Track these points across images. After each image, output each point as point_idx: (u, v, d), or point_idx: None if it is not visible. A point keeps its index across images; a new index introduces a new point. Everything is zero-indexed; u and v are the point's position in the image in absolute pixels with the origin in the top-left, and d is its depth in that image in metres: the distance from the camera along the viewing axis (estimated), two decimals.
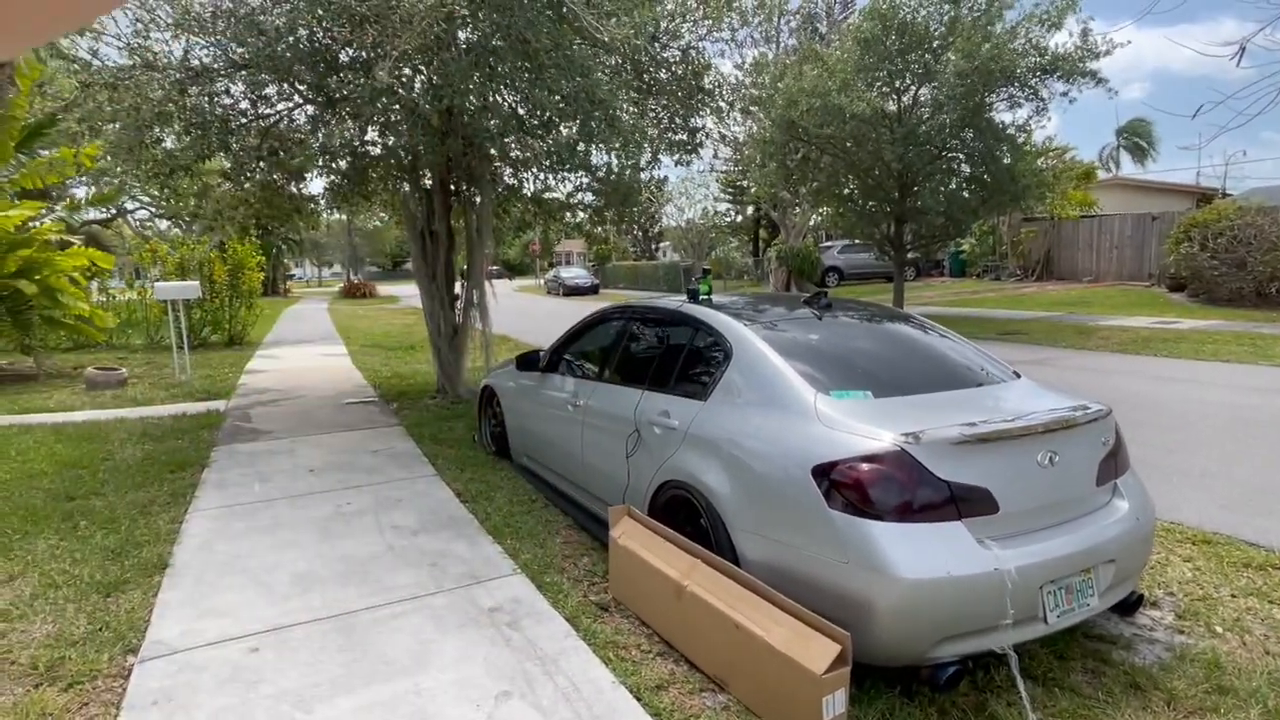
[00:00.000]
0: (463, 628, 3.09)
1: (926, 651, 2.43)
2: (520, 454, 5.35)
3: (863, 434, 2.63)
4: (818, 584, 2.56)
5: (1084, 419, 2.81)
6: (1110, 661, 2.84)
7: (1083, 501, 2.80)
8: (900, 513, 2.47)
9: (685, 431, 3.30)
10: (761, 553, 2.80)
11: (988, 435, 2.57)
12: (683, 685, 2.69)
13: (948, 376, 3.24)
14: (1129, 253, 20.70)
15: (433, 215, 7.77)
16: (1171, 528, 4.13)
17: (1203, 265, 15.20)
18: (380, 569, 3.68)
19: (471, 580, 3.54)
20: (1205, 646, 2.93)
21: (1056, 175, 18.18)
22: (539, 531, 4.17)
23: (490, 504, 4.62)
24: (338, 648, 2.94)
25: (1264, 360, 9.57)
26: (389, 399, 8.40)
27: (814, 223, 27.08)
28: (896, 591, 2.37)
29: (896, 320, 3.92)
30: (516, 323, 17.77)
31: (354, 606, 3.28)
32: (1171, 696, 2.60)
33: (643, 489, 3.53)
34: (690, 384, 3.52)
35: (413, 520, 4.36)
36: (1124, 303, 16.50)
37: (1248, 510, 4.44)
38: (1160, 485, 4.58)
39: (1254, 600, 3.31)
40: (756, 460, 2.91)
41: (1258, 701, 2.54)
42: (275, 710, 2.53)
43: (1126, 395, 7.69)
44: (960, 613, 2.41)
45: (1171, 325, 13.02)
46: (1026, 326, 14.04)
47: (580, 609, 3.25)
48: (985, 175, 13.95)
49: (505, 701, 2.57)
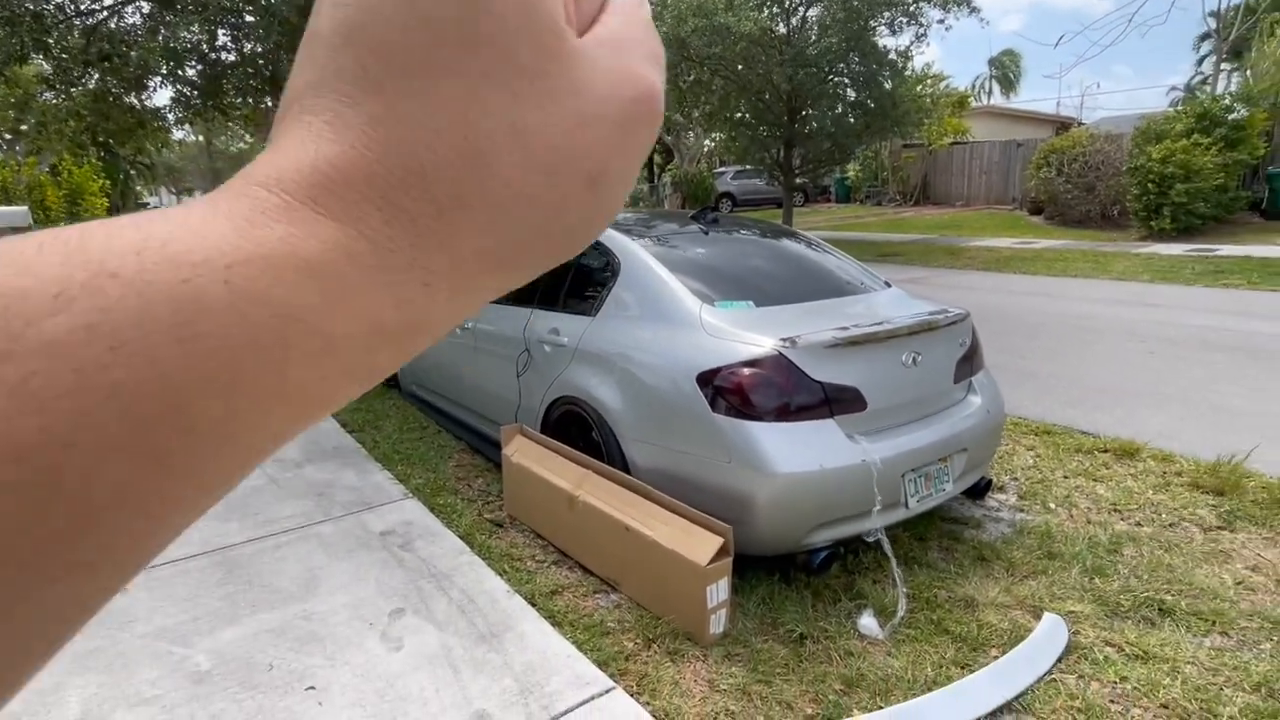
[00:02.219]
0: (353, 552, 3.04)
1: (802, 539, 2.62)
2: (409, 382, 5.19)
3: (745, 341, 2.72)
4: (704, 484, 2.68)
5: (944, 322, 3.02)
6: (962, 539, 3.17)
7: (941, 397, 3.04)
8: (778, 413, 2.59)
9: (575, 348, 3.29)
10: (651, 459, 2.89)
11: (857, 338, 2.72)
12: (577, 589, 2.78)
13: (824, 286, 3.38)
14: (996, 178, 22.04)
15: None
16: (1019, 422, 4.58)
17: (1058, 189, 16.44)
18: (262, 502, 3.53)
19: (361, 506, 3.47)
20: (1040, 521, 3.31)
21: (934, 102, 18.90)
22: (431, 456, 4.11)
23: (379, 432, 4.49)
24: (217, 582, 2.82)
25: (1104, 275, 10.59)
26: None
27: (708, 148, 27.08)
28: (774, 486, 2.52)
29: (778, 235, 4.02)
30: None
31: (234, 540, 3.15)
32: (1010, 564, 2.94)
33: (535, 407, 3.53)
34: (579, 300, 3.50)
35: (296, 452, 4.18)
36: (990, 225, 17.68)
37: (1084, 405, 4.98)
38: (1011, 385, 5.04)
39: (1082, 480, 3.76)
40: (645, 371, 2.96)
41: (1079, 562, 2.92)
42: (151, 648, 2.42)
43: (987, 308, 8.34)
44: (832, 502, 2.60)
45: (1030, 245, 14.11)
46: (904, 249, 14.82)
47: (474, 527, 3.26)
48: (869, 100, 14.32)
49: (399, 618, 2.57)
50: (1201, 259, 11.12)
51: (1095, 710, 2.10)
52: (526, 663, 2.32)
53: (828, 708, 2.14)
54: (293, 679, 2.26)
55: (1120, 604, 2.64)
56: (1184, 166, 12.79)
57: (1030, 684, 2.21)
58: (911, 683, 2.24)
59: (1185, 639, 2.44)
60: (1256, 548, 3.04)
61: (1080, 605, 2.63)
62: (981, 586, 2.77)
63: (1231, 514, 3.30)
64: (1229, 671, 2.26)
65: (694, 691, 2.22)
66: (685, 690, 2.22)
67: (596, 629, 2.52)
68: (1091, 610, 2.60)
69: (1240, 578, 2.81)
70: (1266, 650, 2.37)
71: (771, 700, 2.18)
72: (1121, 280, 10.19)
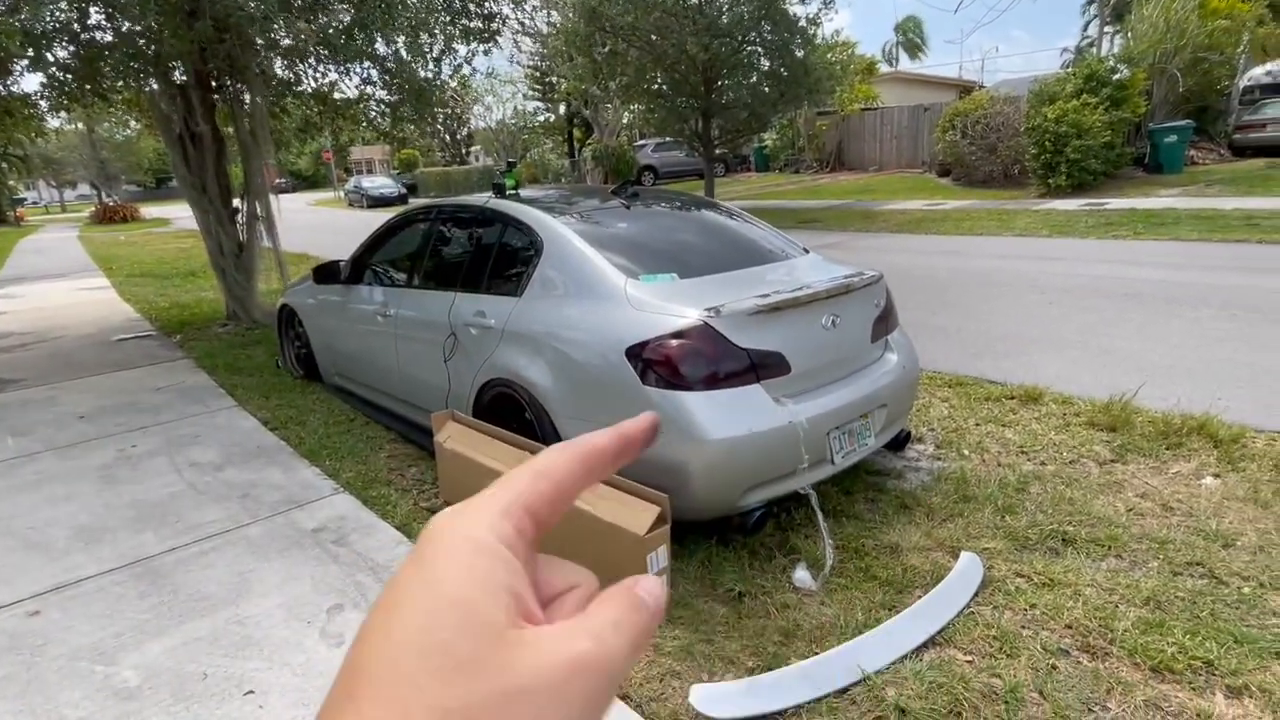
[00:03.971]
0: (285, 552, 2.95)
1: (736, 501, 2.70)
2: (331, 374, 5.03)
3: (670, 313, 2.76)
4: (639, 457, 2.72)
5: (860, 284, 3.14)
6: (885, 490, 3.34)
7: (860, 357, 3.17)
8: (707, 382, 2.65)
9: (502, 329, 3.26)
10: None
11: (779, 304, 2.80)
12: None
13: (745, 255, 3.45)
14: (906, 142, 22.80)
15: (192, 116, 6.72)
16: (933, 375, 4.83)
17: (964, 151, 17.13)
18: (182, 509, 3.38)
19: (290, 505, 3.37)
20: (955, 467, 3.52)
21: (844, 68, 19.33)
22: (360, 449, 4.01)
23: (303, 428, 4.35)
24: (139, 594, 2.70)
25: (1008, 231, 11.16)
26: (170, 331, 7.46)
27: (627, 121, 26.91)
28: (707, 452, 2.59)
29: (698, 207, 4.07)
30: (317, 239, 16.30)
31: (154, 551, 3.01)
32: (930, 510, 3.12)
33: (465, 392, 3.49)
34: (503, 281, 3.47)
35: (214, 455, 4.01)
36: (902, 188, 18.31)
37: (992, 356, 5.28)
38: (925, 341, 5.28)
39: (992, 426, 4.00)
40: (574, 349, 2.97)
41: (991, 503, 3.12)
42: (71, 669, 2.31)
43: (901, 269, 8.68)
44: (762, 463, 2.69)
45: (939, 207, 14.71)
46: (821, 215, 15.20)
47: (411, 517, 3.22)
48: (782, 69, 14.52)
49: (339, 613, 2.53)
50: (1094, 213, 11.86)
51: (1009, 637, 2.27)
52: None
53: (767, 659, 2.24)
54: (229, 685, 2.20)
55: (1028, 538, 2.85)
56: (1075, 125, 13.54)
57: (951, 618, 2.37)
58: (844, 628, 2.37)
59: (1085, 565, 2.66)
60: (1145, 477, 3.32)
61: (993, 542, 2.82)
62: (904, 532, 2.93)
63: (1123, 448, 3.59)
64: (1123, 590, 2.48)
65: (639, 657, 2.28)
66: None
67: None
68: (1003, 546, 2.79)
69: (1131, 505, 3.07)
70: (1154, 568, 2.61)
71: (714, 657, 2.26)
72: (1023, 236, 10.77)
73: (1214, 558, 2.64)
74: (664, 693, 2.12)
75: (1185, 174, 14.98)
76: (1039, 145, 14.13)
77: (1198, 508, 3.01)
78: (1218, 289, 6.65)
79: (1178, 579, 2.54)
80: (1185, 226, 9.99)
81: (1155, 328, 5.63)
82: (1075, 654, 2.21)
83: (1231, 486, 3.16)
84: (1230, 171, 14.78)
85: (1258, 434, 3.64)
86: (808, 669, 2.15)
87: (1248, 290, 6.53)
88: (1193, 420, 3.70)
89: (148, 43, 5.91)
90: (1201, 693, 2.03)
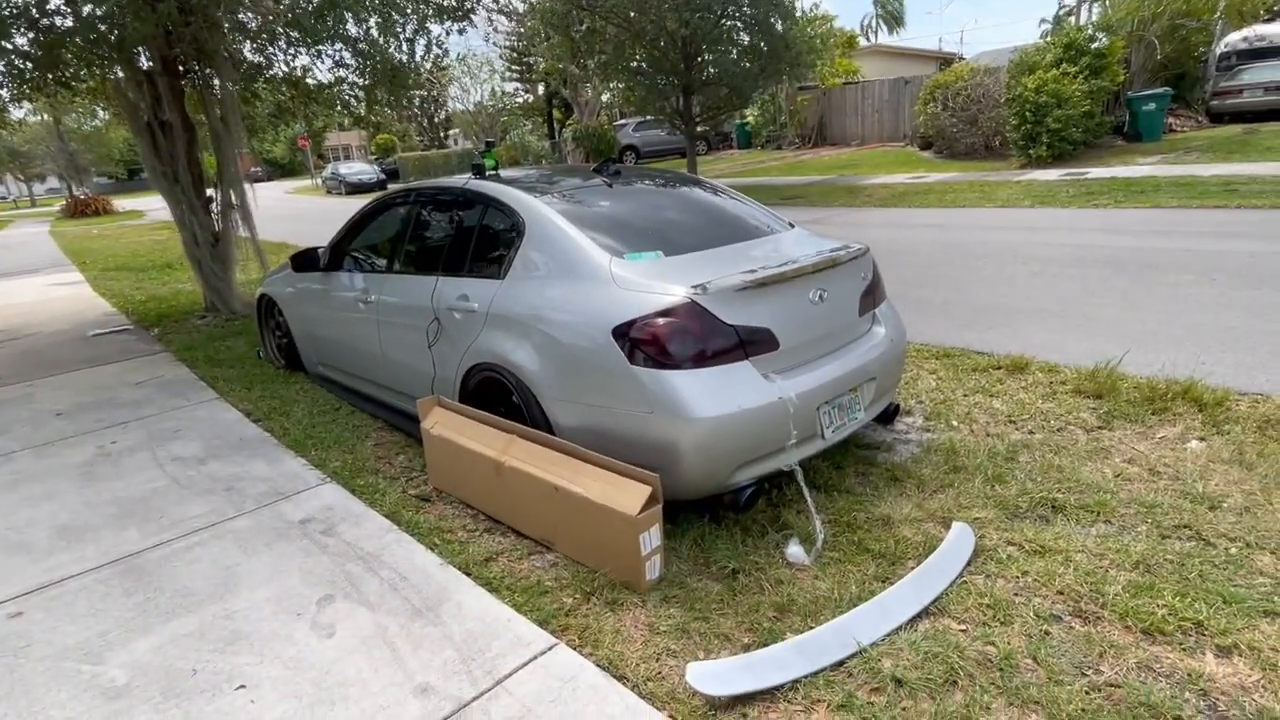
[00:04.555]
0: (272, 545, 2.91)
1: (726, 479, 2.69)
2: (314, 363, 4.96)
3: (657, 291, 2.72)
4: (628, 437, 2.70)
5: (847, 257, 3.12)
6: (875, 463, 3.34)
7: (848, 331, 3.16)
8: (695, 360, 2.62)
9: (486, 312, 3.21)
10: (574, 418, 2.88)
11: (766, 280, 2.77)
12: (510, 554, 2.78)
13: (730, 231, 3.41)
14: (888, 115, 22.73)
15: (160, 104, 6.54)
16: (921, 348, 4.83)
17: (945, 124, 17.11)
18: (165, 504, 3.33)
19: (276, 497, 3.32)
20: (944, 439, 3.53)
21: (824, 42, 19.17)
22: (347, 438, 3.96)
23: (287, 419, 4.29)
24: (125, 592, 2.65)
25: (990, 204, 11.18)
26: (147, 325, 7.33)
27: (606, 100, 26.62)
28: (697, 431, 2.56)
29: (681, 184, 4.02)
30: (295, 228, 16.05)
31: (138, 547, 2.96)
32: (921, 481, 3.12)
33: (451, 377, 3.44)
34: (486, 264, 3.41)
35: (197, 448, 3.94)
36: (885, 162, 18.28)
37: (978, 327, 5.29)
38: (911, 314, 5.27)
39: (980, 396, 4.01)
40: (560, 330, 2.92)
41: (981, 472, 3.13)
42: (57, 669, 2.26)
43: (886, 242, 8.67)
44: (752, 441, 2.67)
45: (922, 180, 14.69)
46: (806, 190, 15.15)
47: (400, 504, 3.19)
48: (762, 43, 14.39)
49: (329, 604, 2.50)
50: (1075, 182, 11.89)
51: (1002, 604, 2.28)
52: (466, 631, 2.31)
53: (763, 635, 2.24)
54: (220, 680, 2.17)
55: (1019, 506, 2.86)
56: (1055, 95, 13.54)
57: (944, 588, 2.38)
58: (838, 601, 2.37)
59: (1075, 531, 2.67)
60: (1131, 442, 3.34)
61: (984, 511, 2.83)
62: (896, 505, 2.94)
63: (1109, 414, 3.61)
64: (1113, 555, 2.50)
65: (635, 637, 2.27)
66: (627, 637, 2.27)
67: (534, 589, 2.52)
68: (994, 515, 2.80)
69: (1119, 470, 3.09)
70: (1143, 532, 2.63)
71: (710, 635, 2.26)
72: (1006, 207, 10.78)
73: (1201, 520, 2.66)
74: (661, 672, 2.11)
75: (1164, 141, 15.05)
76: (1019, 116, 14.12)
77: (1184, 471, 3.03)
78: (1198, 255, 6.70)
79: (1166, 542, 2.56)
80: (1165, 194, 10.04)
81: (1138, 295, 5.66)
82: (1067, 619, 2.22)
83: (1217, 449, 3.19)
84: (1208, 138, 14.87)
85: (1241, 396, 3.67)
86: (803, 643, 2.15)
87: (1228, 255, 6.58)
88: (1177, 385, 3.73)
89: (110, 27, 5.72)
90: (1192, 653, 2.05)
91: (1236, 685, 1.92)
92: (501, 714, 1.96)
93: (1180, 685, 1.94)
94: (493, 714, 1.97)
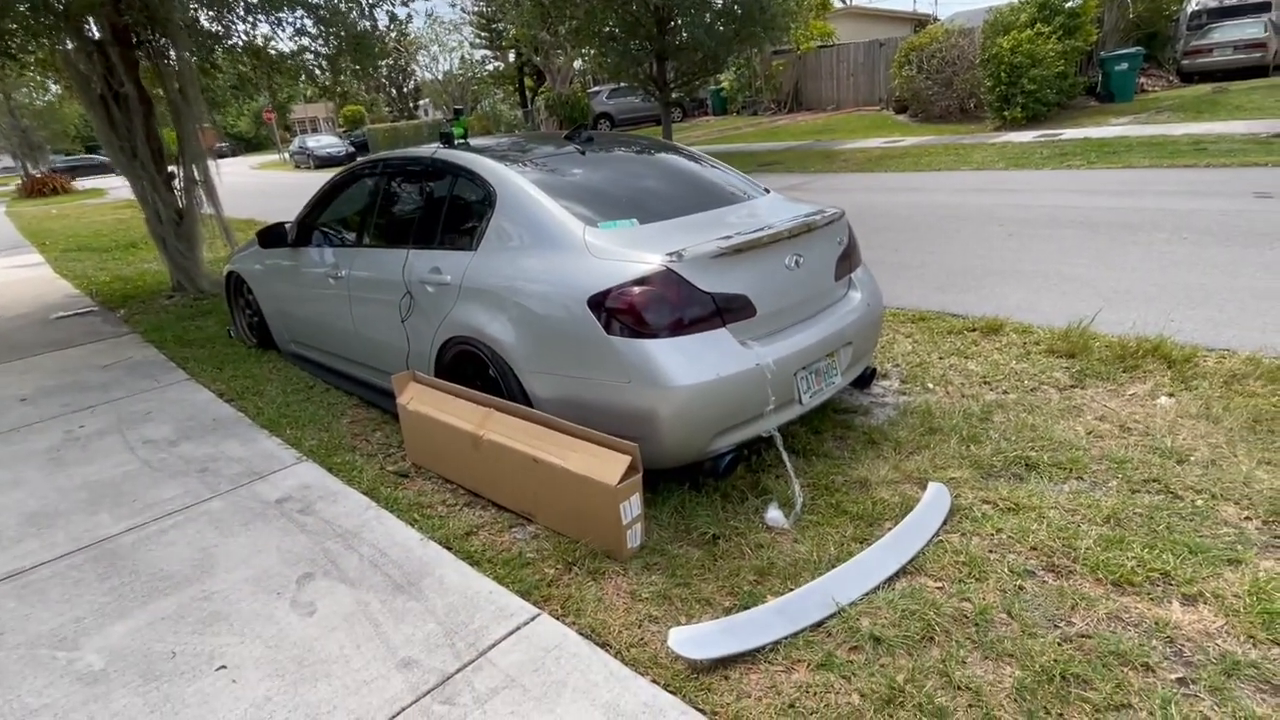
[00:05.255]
0: (249, 525, 2.88)
1: (706, 447, 2.69)
2: (286, 341, 4.87)
3: (632, 260, 2.69)
4: (606, 407, 2.69)
5: (822, 222, 3.10)
6: (853, 427, 3.36)
7: (824, 296, 3.15)
8: (672, 328, 2.60)
9: (459, 285, 3.16)
10: (551, 390, 2.86)
11: (742, 246, 2.74)
12: (491, 527, 2.77)
13: (705, 198, 3.37)
14: (863, 79, 22.57)
15: (113, 75, 6.29)
16: (897, 312, 4.85)
17: (920, 87, 17.03)
18: (138, 488, 3.27)
19: (252, 477, 3.28)
20: (920, 401, 3.56)
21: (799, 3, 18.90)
22: (322, 416, 3.91)
23: (261, 398, 4.22)
24: (99, 577, 2.62)
25: (965, 166, 11.19)
26: (113, 306, 7.14)
27: (579, 67, 26.13)
28: (675, 399, 2.56)
29: (655, 150, 3.95)
30: (263, 204, 15.69)
31: (111, 532, 2.91)
32: (897, 443, 3.16)
33: (425, 351, 3.40)
34: (457, 235, 3.34)
35: (169, 430, 3.87)
36: (860, 126, 18.20)
37: (954, 290, 5.32)
38: (887, 278, 5.30)
39: (955, 359, 4.05)
40: (534, 302, 2.88)
41: (956, 433, 3.17)
42: (31, 657, 2.23)
43: (862, 206, 8.66)
44: (731, 408, 2.67)
45: (897, 144, 14.65)
46: (782, 156, 15.05)
47: (378, 481, 3.16)
48: (736, 6, 14.14)
49: (309, 583, 2.48)
50: (1049, 144, 11.93)
51: (977, 562, 2.32)
52: (448, 605, 2.30)
53: (743, 598, 2.26)
54: (200, 662, 2.15)
55: (993, 465, 2.90)
56: (1030, 56, 13.50)
57: (921, 548, 2.42)
58: (818, 563, 2.40)
59: (1048, 488, 2.72)
60: (1103, 400, 3.40)
61: (960, 471, 2.87)
62: (873, 467, 2.97)
63: (1082, 373, 3.67)
64: (1085, 510, 2.55)
65: (617, 604, 2.28)
66: (609, 605, 2.28)
67: (516, 561, 2.53)
68: (969, 474, 2.84)
69: (1091, 428, 3.15)
70: (1113, 487, 2.69)
71: (691, 600, 2.28)
72: (981, 170, 10.80)
73: (1169, 474, 2.72)
74: (643, 638, 2.13)
75: (1136, 102, 15.12)
76: (995, 77, 14.08)
77: (1154, 427, 3.09)
78: (1169, 214, 6.77)
79: (1136, 496, 2.61)
80: (1137, 154, 10.11)
81: (1111, 254, 5.72)
82: (1041, 574, 2.27)
83: (1185, 404, 3.25)
84: (1178, 98, 14.96)
85: (1209, 352, 3.74)
86: (783, 605, 2.18)
87: (1198, 214, 6.66)
88: (1148, 343, 3.79)
89: None
90: (1159, 602, 2.10)
91: (1201, 632, 1.98)
92: (485, 685, 1.97)
93: (1148, 634, 1.99)
94: (477, 685, 1.97)
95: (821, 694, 1.88)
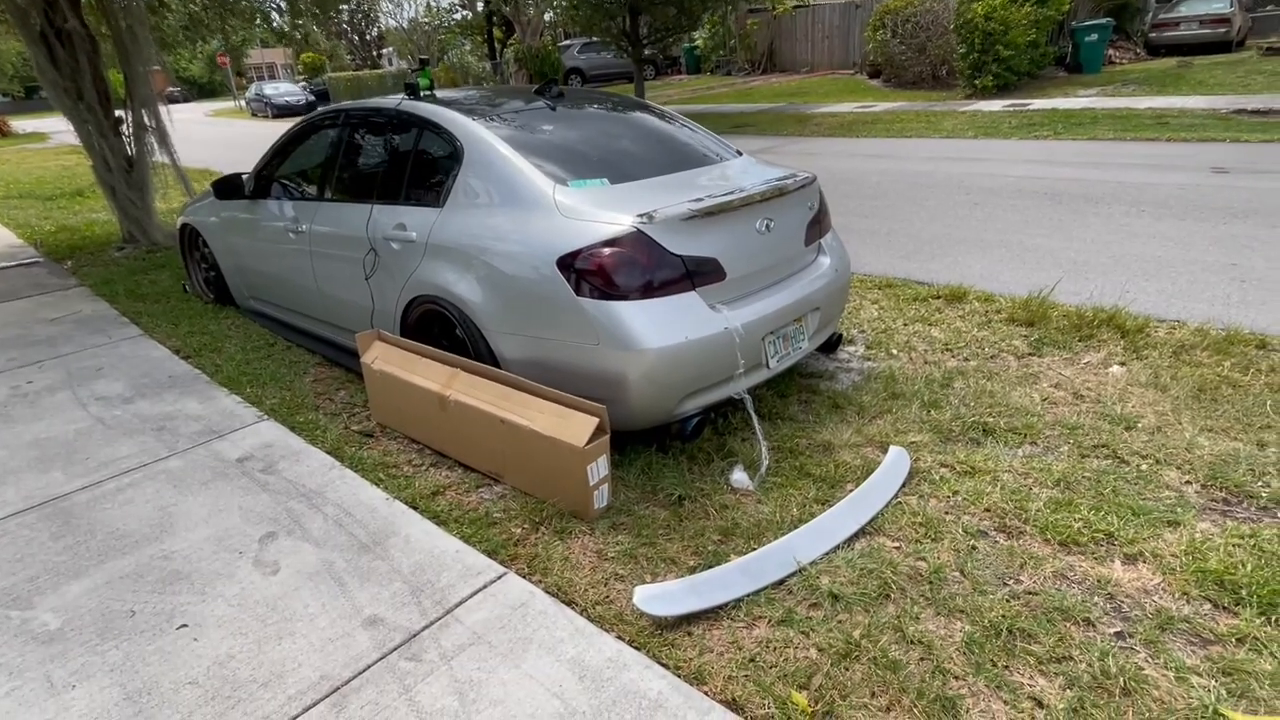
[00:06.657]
0: (209, 484, 2.83)
1: (673, 409, 2.71)
2: (245, 297, 4.74)
3: (603, 220, 2.66)
4: (574, 369, 2.68)
5: (794, 186, 3.09)
6: (818, 391, 3.42)
7: (794, 261, 3.16)
8: (642, 290, 2.59)
9: (425, 242, 3.10)
10: (520, 351, 2.84)
11: (713, 209, 2.73)
12: (458, 487, 2.77)
13: (677, 158, 3.33)
14: (838, 42, 22.35)
15: (55, 9, 5.93)
16: (864, 278, 4.90)
17: (894, 52, 16.94)
18: (91, 445, 3.19)
19: (211, 435, 3.21)
20: (884, 367, 3.62)
21: None
22: (283, 374, 3.83)
23: (219, 355, 4.11)
24: (52, 536, 2.56)
25: (936, 134, 11.23)
26: (59, 258, 6.85)
27: (549, 19, 25.37)
28: (644, 362, 2.56)
29: (627, 108, 3.88)
30: (222, 154, 15.10)
31: (64, 490, 2.84)
32: (861, 408, 3.22)
33: (390, 310, 3.34)
34: (423, 191, 3.26)
35: (122, 387, 3.76)
36: (834, 90, 18.08)
37: (920, 257, 5.39)
38: (855, 244, 5.34)
39: (919, 325, 4.12)
40: (502, 261, 2.84)
41: (918, 399, 3.24)
42: None
43: (834, 172, 8.66)
44: (699, 371, 2.69)
45: (870, 109, 14.62)
46: (755, 119, 14.92)
47: (342, 440, 3.13)
48: None
49: (271, 542, 2.46)
50: (1017, 114, 12.02)
51: (933, 523, 2.40)
52: (415, 564, 2.31)
53: (707, 557, 2.31)
54: (160, 620, 2.13)
55: (952, 430, 2.98)
56: (1004, 22, 13.49)
57: (880, 509, 2.48)
58: (780, 524, 2.45)
59: (1003, 452, 2.81)
60: (1059, 368, 3.50)
61: (920, 436, 2.94)
62: (837, 431, 3.03)
63: (1040, 341, 3.76)
64: (1036, 474, 2.64)
65: (583, 563, 2.31)
66: (575, 564, 2.31)
67: (483, 521, 2.53)
68: (929, 439, 2.92)
69: (1046, 395, 3.24)
70: (1065, 452, 2.78)
71: (656, 559, 2.32)
72: (950, 138, 10.86)
73: (1117, 440, 2.82)
74: (609, 596, 2.16)
75: (1104, 74, 15.27)
76: (968, 44, 14.06)
77: (1105, 394, 3.19)
78: (1129, 186, 6.91)
79: (1085, 461, 2.71)
80: (1102, 126, 10.25)
81: (1072, 225, 5.83)
82: (993, 534, 2.36)
83: (1135, 373, 3.36)
84: (1145, 71, 15.14)
85: (1160, 323, 3.86)
86: (746, 564, 2.23)
87: (1156, 187, 6.80)
88: (1103, 313, 3.89)
89: None
90: (1103, 561, 2.20)
91: (1140, 589, 2.09)
92: (452, 642, 1.99)
93: (1091, 591, 2.09)
94: (443, 642, 1.99)
95: (781, 649, 1.94)
